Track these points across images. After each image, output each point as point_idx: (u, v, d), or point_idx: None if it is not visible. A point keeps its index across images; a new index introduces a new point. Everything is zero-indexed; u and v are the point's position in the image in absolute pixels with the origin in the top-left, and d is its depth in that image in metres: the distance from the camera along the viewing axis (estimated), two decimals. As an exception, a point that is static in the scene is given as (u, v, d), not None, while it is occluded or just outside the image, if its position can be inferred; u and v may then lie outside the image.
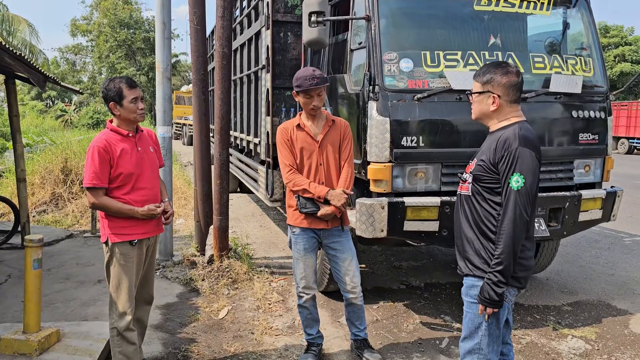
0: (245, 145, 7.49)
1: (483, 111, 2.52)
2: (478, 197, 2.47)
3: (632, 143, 25.11)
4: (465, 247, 2.54)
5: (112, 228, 3.06)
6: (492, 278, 2.34)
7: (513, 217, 2.31)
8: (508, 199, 2.33)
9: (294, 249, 3.64)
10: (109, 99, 3.06)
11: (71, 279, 5.36)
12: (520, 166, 2.31)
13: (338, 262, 3.63)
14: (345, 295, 3.69)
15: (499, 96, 2.44)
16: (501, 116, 2.48)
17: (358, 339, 3.78)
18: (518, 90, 2.46)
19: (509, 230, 2.31)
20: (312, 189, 3.39)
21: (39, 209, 8.65)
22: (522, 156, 2.32)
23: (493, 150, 2.39)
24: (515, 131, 2.38)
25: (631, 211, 9.49)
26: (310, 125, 3.53)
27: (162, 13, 5.66)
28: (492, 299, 2.35)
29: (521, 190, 2.31)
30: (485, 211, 2.44)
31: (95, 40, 40.22)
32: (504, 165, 2.34)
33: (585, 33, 4.81)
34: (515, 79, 2.43)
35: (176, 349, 3.87)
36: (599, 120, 4.61)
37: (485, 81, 2.47)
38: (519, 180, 2.31)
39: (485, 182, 2.43)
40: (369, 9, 4.23)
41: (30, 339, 3.40)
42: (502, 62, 2.55)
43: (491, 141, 2.45)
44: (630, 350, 4.02)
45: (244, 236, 7.10)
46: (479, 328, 2.47)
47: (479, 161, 2.47)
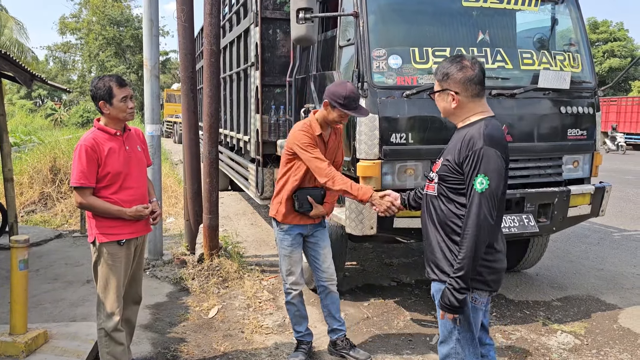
0: (235, 143, 7.46)
1: (445, 109, 2.42)
2: (443, 197, 2.37)
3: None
4: (431, 250, 2.44)
5: (99, 228, 3.03)
6: (453, 284, 2.24)
7: (476, 220, 2.19)
8: (472, 201, 2.22)
9: (280, 245, 3.62)
10: (98, 97, 3.02)
11: (60, 280, 5.32)
12: (485, 167, 2.20)
13: (318, 250, 3.66)
14: (323, 284, 3.69)
15: (457, 93, 2.33)
16: (464, 113, 2.37)
17: (340, 336, 3.74)
18: (478, 84, 2.32)
19: (471, 234, 2.20)
20: (355, 190, 3.17)
21: (27, 209, 8.58)
22: (487, 156, 2.20)
23: (458, 150, 2.29)
24: (480, 129, 2.26)
25: (620, 206, 9.55)
26: (324, 133, 3.51)
27: (149, 10, 5.61)
28: (452, 305, 2.25)
29: (485, 193, 2.19)
30: (451, 212, 2.34)
31: (84, 38, 39.90)
32: (468, 166, 2.23)
33: (574, 29, 4.82)
34: (471, 73, 2.30)
35: (165, 349, 3.85)
36: (588, 115, 4.63)
37: (441, 79, 2.37)
38: (483, 182, 2.19)
39: (450, 183, 2.33)
40: (357, 5, 4.21)
41: (17, 340, 3.36)
42: (458, 56, 2.38)
43: (457, 140, 2.34)
44: (619, 345, 4.04)
45: (235, 234, 7.07)
46: (452, 332, 2.40)
47: (445, 161, 2.37)
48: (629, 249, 6.78)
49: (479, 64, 2.34)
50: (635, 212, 9.14)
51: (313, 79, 5.03)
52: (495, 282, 2.38)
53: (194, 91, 5.85)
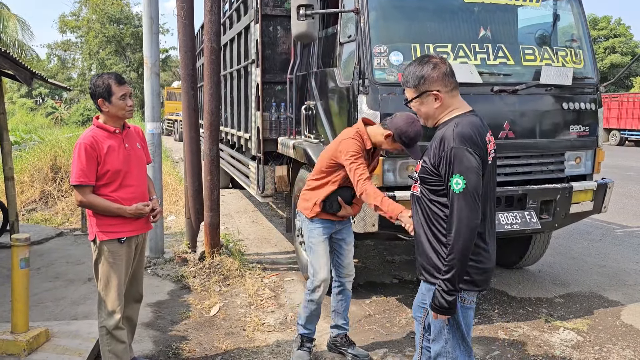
0: (236, 140, 7.45)
1: (428, 113, 2.34)
2: (425, 198, 2.34)
3: (624, 135, 25.25)
4: (419, 250, 2.42)
5: (100, 226, 3.02)
6: (442, 286, 2.20)
7: (458, 221, 2.16)
8: (452, 202, 2.19)
9: (309, 237, 3.55)
10: (97, 95, 3.01)
11: (61, 278, 5.31)
12: (459, 167, 2.15)
13: (343, 245, 3.64)
14: (341, 280, 3.68)
15: (439, 91, 2.28)
16: (444, 110, 2.32)
17: (341, 333, 3.74)
18: (452, 77, 2.29)
19: (455, 235, 2.16)
20: (385, 206, 3.09)
21: (28, 208, 8.57)
22: (458, 156, 2.16)
23: (433, 151, 2.26)
24: (451, 129, 2.22)
25: (622, 203, 9.53)
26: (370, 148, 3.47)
27: (149, 7, 5.60)
28: (442, 307, 2.22)
29: (464, 192, 2.15)
30: (434, 212, 2.31)
31: (84, 36, 39.88)
32: (443, 168, 2.20)
33: (575, 25, 4.80)
34: (445, 68, 2.28)
35: (167, 347, 3.84)
36: (590, 112, 4.61)
37: (417, 83, 2.30)
38: (459, 182, 2.15)
39: (430, 184, 2.31)
40: (358, 1, 4.19)
41: (19, 339, 3.35)
42: (424, 56, 2.34)
43: (432, 140, 2.31)
44: (621, 341, 4.03)
45: (236, 232, 7.06)
46: (442, 332, 2.38)
47: (423, 162, 2.34)
48: (631, 246, 6.76)
49: (446, 59, 2.34)
50: (638, 209, 9.12)
51: (314, 75, 5.02)
52: (484, 282, 2.36)
53: (195, 89, 5.84)
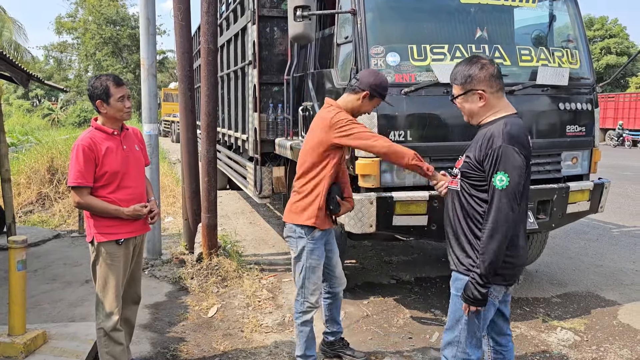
0: (233, 141, 7.44)
1: (473, 110, 2.45)
2: (465, 193, 2.44)
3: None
4: (452, 242, 2.53)
5: (97, 227, 3.01)
6: (477, 279, 2.32)
7: (496, 217, 2.27)
8: (492, 198, 2.29)
9: (309, 257, 3.28)
10: (95, 97, 3.01)
11: (58, 280, 5.30)
12: (504, 165, 2.26)
13: (331, 256, 3.49)
14: (333, 291, 3.59)
15: (484, 90, 2.39)
16: (489, 110, 2.42)
17: (337, 337, 3.70)
18: (499, 79, 2.40)
19: (492, 230, 2.27)
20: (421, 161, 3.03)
21: (25, 209, 8.55)
22: (506, 154, 2.26)
23: (479, 147, 2.35)
24: (500, 127, 2.32)
25: (619, 202, 9.56)
26: None
27: (146, 9, 5.60)
28: (475, 298, 2.33)
29: (507, 189, 2.26)
30: (472, 207, 2.41)
31: (81, 37, 39.81)
32: (488, 164, 2.30)
33: (572, 25, 4.81)
34: (492, 69, 2.39)
35: (165, 349, 3.84)
36: (586, 112, 4.62)
37: (464, 81, 2.42)
38: (503, 179, 2.26)
39: (472, 179, 2.40)
40: (355, 2, 4.20)
41: (16, 341, 3.34)
42: (473, 57, 2.47)
43: (478, 137, 2.41)
44: (618, 341, 4.04)
45: (233, 233, 7.06)
46: (459, 322, 2.47)
47: (466, 158, 2.43)
48: (627, 245, 6.78)
49: (493, 60, 2.44)
50: (634, 208, 9.15)
51: (311, 76, 5.02)
52: (512, 277, 2.46)
53: (192, 90, 5.83)
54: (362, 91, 3.19)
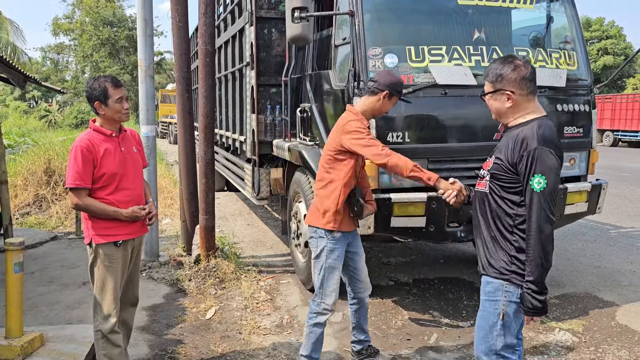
0: (231, 143, 7.44)
1: (500, 109, 2.43)
2: (495, 195, 2.41)
3: (617, 135, 25.40)
4: (480, 245, 2.49)
5: (96, 229, 3.00)
6: (532, 287, 2.25)
7: (538, 220, 2.24)
8: (531, 201, 2.26)
9: (328, 258, 3.29)
10: (93, 98, 3.01)
11: (55, 282, 5.29)
12: (541, 167, 2.23)
13: (357, 259, 3.49)
14: (358, 296, 3.54)
15: (513, 92, 2.36)
16: (518, 112, 2.39)
17: (365, 346, 3.65)
18: (531, 82, 2.36)
19: (537, 233, 2.24)
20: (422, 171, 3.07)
21: (22, 211, 8.53)
22: (542, 156, 2.23)
23: (511, 150, 2.32)
24: (533, 129, 2.29)
25: (616, 203, 9.58)
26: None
27: (143, 10, 5.59)
28: (536, 308, 2.26)
29: (544, 191, 2.23)
30: (502, 209, 2.38)
31: (78, 39, 39.76)
32: (524, 167, 2.27)
33: (569, 26, 4.82)
34: (525, 72, 2.34)
35: (163, 351, 3.83)
36: (584, 113, 4.63)
37: (495, 80, 2.40)
38: (540, 182, 2.23)
39: (503, 181, 2.36)
40: (352, 4, 4.20)
41: (13, 344, 3.33)
42: (508, 56, 2.43)
43: (508, 139, 2.37)
44: (617, 342, 4.04)
45: (231, 235, 7.05)
46: (494, 328, 2.41)
47: (496, 159, 2.39)
48: (625, 246, 6.79)
49: (529, 63, 2.39)
50: (632, 209, 9.17)
51: (309, 78, 5.02)
52: None
53: (189, 91, 5.83)
54: (381, 92, 3.25)
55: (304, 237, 4.89)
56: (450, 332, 4.20)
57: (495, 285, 2.39)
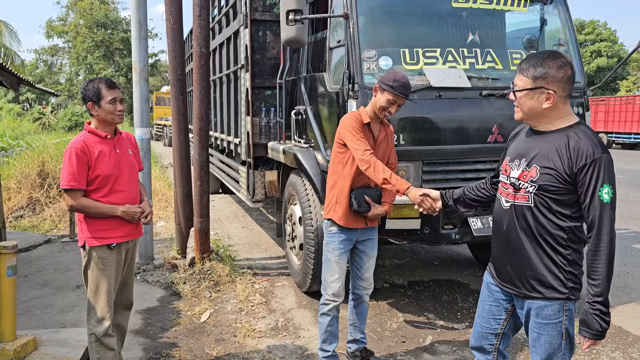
0: (225, 145, 7.43)
1: (534, 109, 2.19)
2: (543, 208, 2.18)
3: (611, 137, 25.54)
4: (528, 265, 2.25)
5: (90, 231, 2.99)
6: (602, 309, 2.07)
7: (610, 234, 2.06)
8: (602, 214, 2.05)
9: (327, 249, 3.44)
10: (87, 99, 3.01)
11: (49, 285, 5.26)
12: (609, 176, 2.06)
13: (364, 258, 3.52)
14: (359, 293, 3.57)
15: (555, 92, 2.14)
16: (555, 114, 2.19)
17: (360, 347, 3.65)
18: (573, 84, 2.19)
19: (609, 250, 2.06)
20: (394, 180, 3.08)
21: (15, 214, 8.48)
22: (608, 165, 2.06)
23: (567, 158, 2.09)
24: (590, 135, 2.10)
25: (610, 205, 9.60)
26: (373, 126, 3.39)
27: (138, 12, 5.58)
28: (604, 330, 2.08)
29: (611, 202, 2.05)
30: (554, 224, 2.17)
31: (72, 41, 39.64)
32: (589, 177, 2.05)
33: (563, 29, 4.85)
34: (570, 72, 2.15)
35: (157, 354, 3.81)
36: (577, 115, 4.64)
37: (537, 76, 2.15)
38: (609, 192, 2.04)
39: (555, 193, 2.14)
40: (347, 6, 4.21)
41: (6, 348, 3.31)
42: (553, 52, 2.22)
43: (555, 145, 2.14)
44: (610, 343, 4.06)
45: (226, 237, 7.03)
46: (559, 349, 2.24)
47: (544, 169, 2.15)
48: (619, 248, 6.82)
49: (571, 62, 2.21)
50: (625, 211, 9.21)
51: (303, 80, 5.02)
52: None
53: (184, 94, 5.82)
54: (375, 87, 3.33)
55: (299, 240, 4.89)
56: (446, 334, 4.20)
57: (556, 307, 2.21)
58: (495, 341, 2.49)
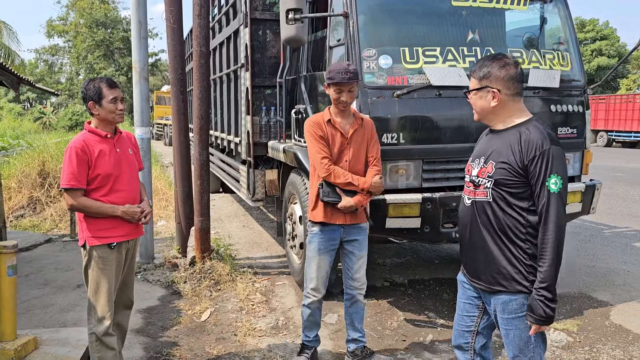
0: (226, 144, 7.43)
1: (485, 108, 2.33)
2: (501, 202, 2.25)
3: (611, 136, 25.52)
4: (489, 260, 2.31)
5: (90, 230, 2.99)
6: (546, 294, 2.14)
7: (557, 223, 2.12)
8: (549, 203, 2.13)
9: (308, 248, 3.54)
10: (88, 98, 3.02)
11: (50, 285, 5.26)
12: (557, 167, 2.13)
13: (353, 259, 3.53)
14: (351, 293, 3.58)
15: (499, 90, 2.26)
16: (505, 112, 2.30)
17: (359, 346, 3.65)
18: (518, 82, 2.28)
19: (555, 238, 2.12)
20: (356, 181, 3.25)
21: (16, 214, 8.49)
22: (556, 156, 2.14)
23: (518, 151, 2.18)
24: (540, 129, 2.20)
25: (610, 203, 9.62)
26: (340, 121, 3.40)
27: (137, 12, 5.58)
28: (548, 316, 2.15)
29: (560, 192, 2.13)
30: (512, 218, 2.24)
31: (72, 40, 39.65)
32: (538, 168, 2.14)
33: (562, 27, 4.85)
34: (513, 71, 2.26)
35: (158, 353, 3.81)
36: (577, 114, 4.65)
37: (482, 76, 2.30)
38: (557, 182, 2.12)
39: (511, 187, 2.22)
40: (347, 5, 4.21)
41: (6, 347, 3.31)
42: (498, 54, 2.35)
43: (508, 141, 2.24)
44: (611, 342, 4.06)
45: (227, 236, 7.04)
46: (529, 342, 2.29)
47: (500, 164, 2.24)
48: (619, 246, 6.82)
49: (518, 63, 2.32)
50: (625, 209, 9.21)
51: (303, 79, 5.02)
52: None
53: (184, 93, 5.82)
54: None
55: (299, 239, 4.89)
56: (446, 333, 4.20)
57: (520, 301, 2.26)
58: (471, 339, 2.54)
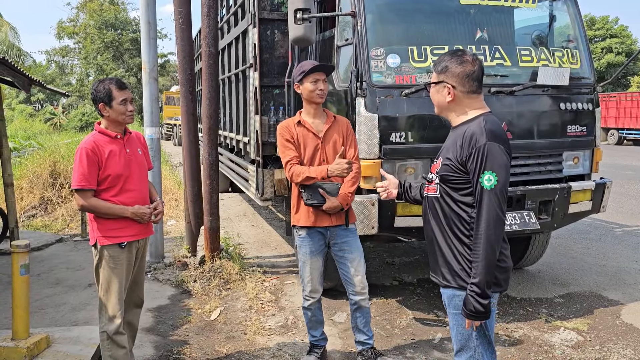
0: (235, 144, 7.45)
1: (440, 103, 2.32)
2: (447, 198, 2.27)
3: (622, 134, 25.29)
4: (440, 254, 2.34)
5: (101, 230, 3.03)
6: (476, 290, 2.13)
7: (488, 219, 2.11)
8: (481, 199, 2.13)
9: (299, 252, 3.54)
10: (98, 100, 3.05)
11: (61, 284, 5.32)
12: (491, 163, 2.11)
13: (347, 262, 3.49)
14: (353, 299, 3.55)
15: (454, 87, 2.24)
16: (460, 109, 2.29)
17: (366, 348, 3.63)
18: (475, 81, 2.24)
19: (486, 234, 2.11)
20: (314, 172, 3.27)
21: (28, 214, 8.58)
22: (492, 152, 2.11)
23: (459, 147, 2.19)
24: (481, 125, 2.18)
25: (621, 202, 9.54)
26: (311, 122, 3.44)
27: (147, 13, 5.61)
28: (478, 312, 2.15)
29: (495, 189, 2.11)
30: (456, 213, 2.25)
31: (82, 42, 39.92)
32: (473, 164, 2.14)
33: (572, 25, 4.81)
34: (470, 69, 2.22)
35: (168, 352, 3.84)
36: (587, 112, 4.62)
37: (439, 70, 2.28)
38: (491, 179, 2.11)
39: (454, 183, 2.24)
40: (354, 4, 4.21)
41: (19, 345, 3.36)
42: (459, 50, 2.32)
43: (455, 137, 2.26)
44: (622, 341, 4.03)
45: (236, 236, 7.07)
46: (470, 339, 2.30)
47: (445, 160, 2.27)
48: (630, 245, 6.77)
49: (479, 61, 2.28)
50: (636, 208, 9.13)
51: (312, 79, 5.01)
52: (506, 281, 2.29)
53: (193, 93, 5.84)
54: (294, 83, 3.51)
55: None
56: (455, 332, 4.20)
57: (463, 297, 2.23)
58: None
